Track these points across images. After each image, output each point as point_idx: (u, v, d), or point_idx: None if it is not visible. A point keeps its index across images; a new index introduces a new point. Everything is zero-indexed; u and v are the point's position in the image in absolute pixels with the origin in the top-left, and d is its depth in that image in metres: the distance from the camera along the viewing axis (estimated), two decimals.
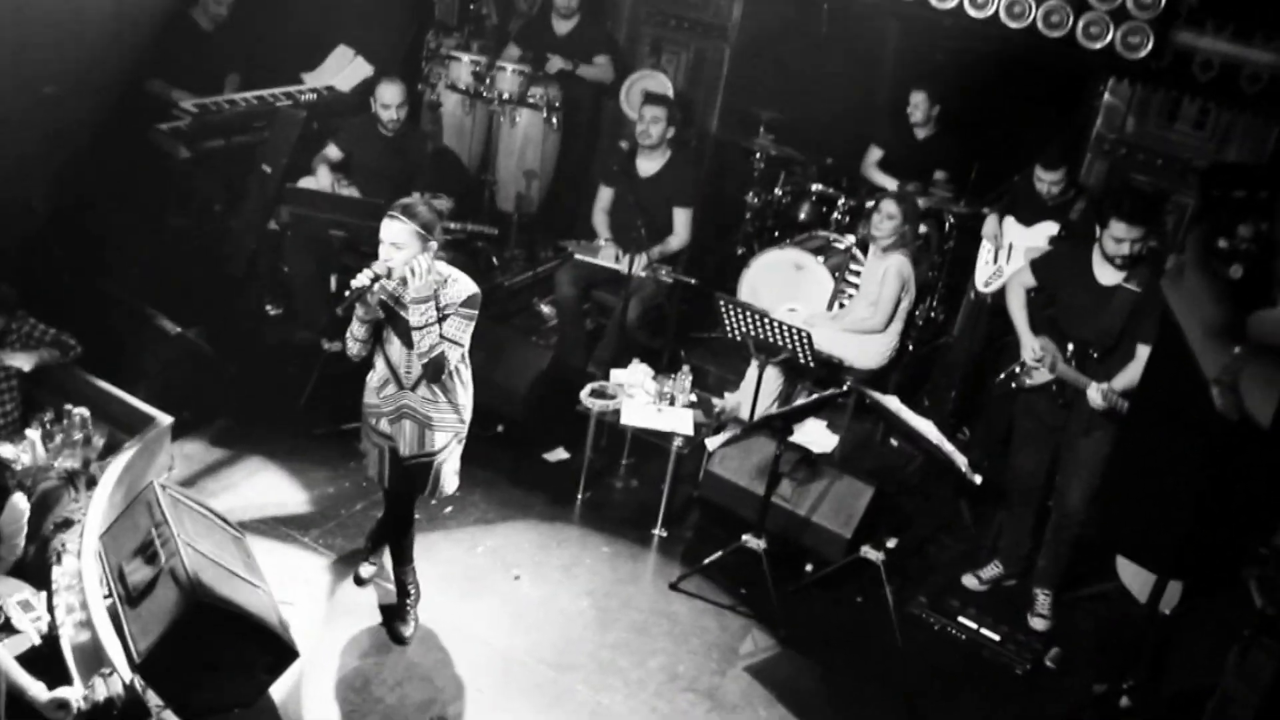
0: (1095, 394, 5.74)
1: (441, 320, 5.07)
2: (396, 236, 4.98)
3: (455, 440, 5.44)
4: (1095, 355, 5.82)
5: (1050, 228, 7.05)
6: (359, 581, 5.94)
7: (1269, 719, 2.48)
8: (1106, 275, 5.78)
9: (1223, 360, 1.94)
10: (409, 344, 5.14)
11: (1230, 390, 1.91)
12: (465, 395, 5.38)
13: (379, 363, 5.32)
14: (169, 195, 7.63)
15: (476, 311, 5.16)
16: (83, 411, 5.85)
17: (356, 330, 5.17)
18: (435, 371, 5.13)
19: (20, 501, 5.25)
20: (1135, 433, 4.66)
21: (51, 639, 4.82)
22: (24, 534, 5.25)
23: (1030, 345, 6.01)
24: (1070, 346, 5.88)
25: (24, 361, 5.80)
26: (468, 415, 5.44)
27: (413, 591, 5.74)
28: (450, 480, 5.51)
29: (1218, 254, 1.97)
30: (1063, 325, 5.94)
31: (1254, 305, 2.04)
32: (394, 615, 5.72)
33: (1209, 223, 1.92)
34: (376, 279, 4.98)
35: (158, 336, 6.68)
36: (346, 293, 4.96)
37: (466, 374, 5.36)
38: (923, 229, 7.99)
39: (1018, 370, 6.09)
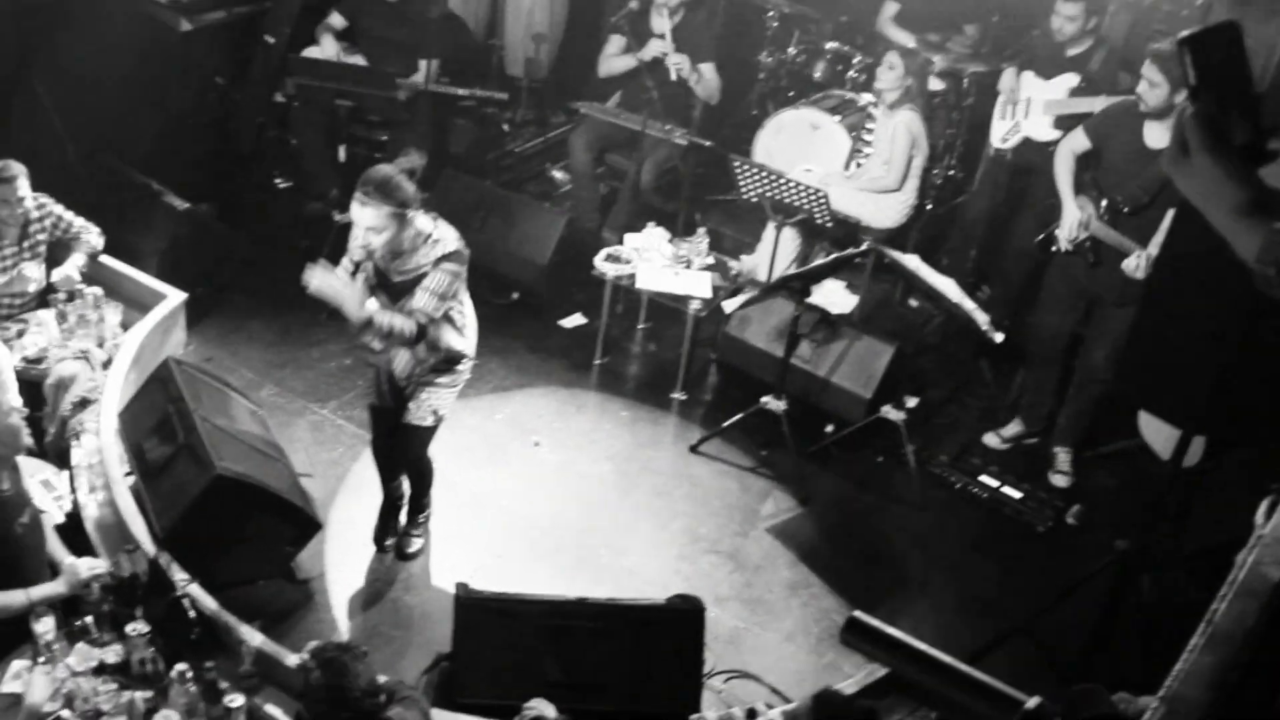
0: (1133, 262, 5.65)
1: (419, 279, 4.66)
2: (372, 220, 4.48)
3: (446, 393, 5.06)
4: (1125, 210, 5.69)
5: (1070, 79, 6.84)
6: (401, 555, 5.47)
7: None
8: (1155, 138, 5.64)
9: (1258, 240, 1.81)
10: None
11: (1275, 271, 1.78)
12: (462, 342, 4.94)
13: None
14: (171, 70, 7.49)
15: (459, 266, 4.68)
16: (96, 290, 5.82)
17: None
18: (424, 343, 4.80)
19: None
20: (1161, 291, 4.60)
21: (74, 517, 4.85)
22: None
23: (1072, 211, 5.90)
24: (1104, 203, 5.76)
25: (65, 285, 5.76)
26: (465, 364, 5.03)
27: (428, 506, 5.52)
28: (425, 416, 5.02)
29: (1220, 126, 1.82)
30: (1101, 183, 5.82)
31: (1262, 162, 1.90)
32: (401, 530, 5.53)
33: (1205, 95, 1.76)
34: (356, 269, 4.66)
35: (167, 213, 6.61)
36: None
37: (462, 320, 4.93)
38: (940, 85, 7.81)
39: (1056, 233, 5.98)
